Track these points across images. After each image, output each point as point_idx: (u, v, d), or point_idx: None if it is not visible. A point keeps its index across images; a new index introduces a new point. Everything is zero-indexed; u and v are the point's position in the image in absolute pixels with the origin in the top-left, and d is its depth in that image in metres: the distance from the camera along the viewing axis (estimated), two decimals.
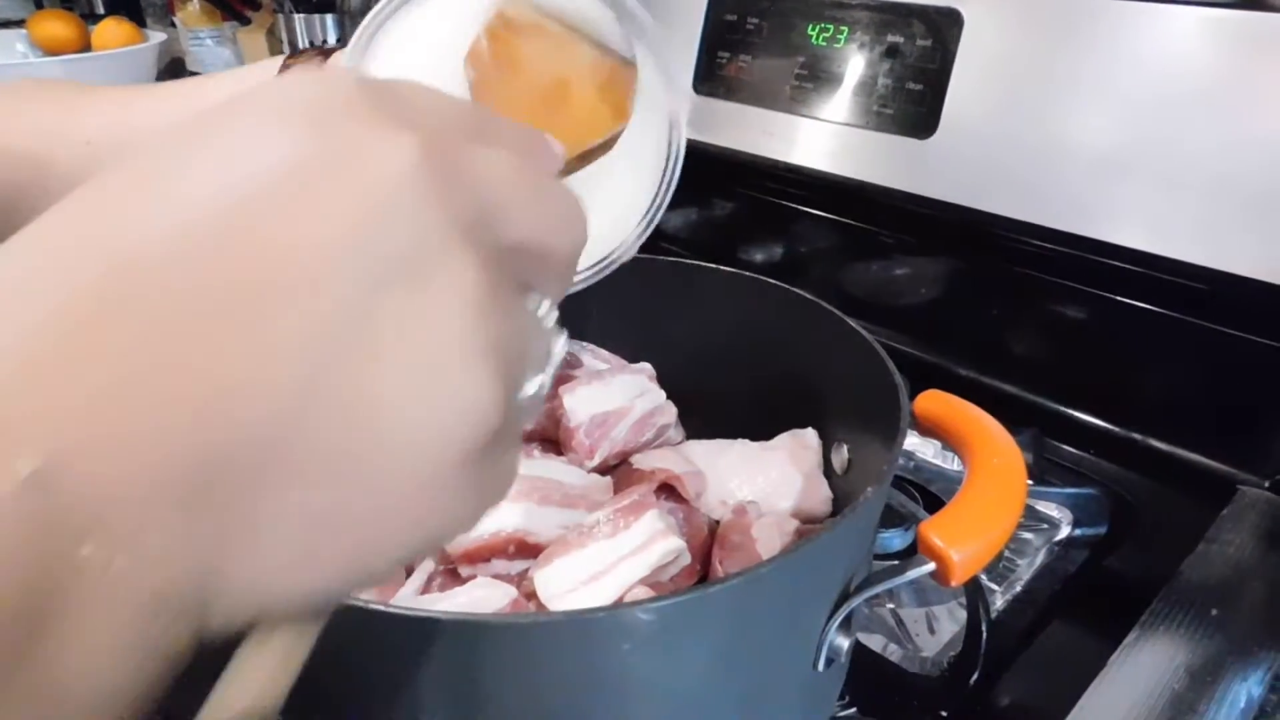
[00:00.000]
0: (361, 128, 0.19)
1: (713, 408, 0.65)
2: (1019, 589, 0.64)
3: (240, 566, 0.18)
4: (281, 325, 0.17)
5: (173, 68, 1.61)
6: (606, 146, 0.38)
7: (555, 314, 0.25)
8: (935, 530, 0.39)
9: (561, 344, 0.25)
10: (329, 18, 1.42)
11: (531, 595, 0.48)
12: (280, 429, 0.18)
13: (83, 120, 0.50)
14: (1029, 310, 0.81)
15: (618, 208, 0.46)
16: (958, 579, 0.39)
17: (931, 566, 0.39)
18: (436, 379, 0.19)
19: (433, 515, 0.20)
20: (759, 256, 1.01)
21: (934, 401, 0.48)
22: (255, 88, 0.20)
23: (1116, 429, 0.76)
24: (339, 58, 0.41)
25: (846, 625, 0.42)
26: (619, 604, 0.46)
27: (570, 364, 0.64)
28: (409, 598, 0.50)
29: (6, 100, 0.51)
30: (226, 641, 0.20)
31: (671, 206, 0.46)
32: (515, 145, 0.24)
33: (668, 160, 0.45)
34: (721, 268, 0.63)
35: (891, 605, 0.62)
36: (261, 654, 0.21)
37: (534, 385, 0.23)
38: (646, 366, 0.65)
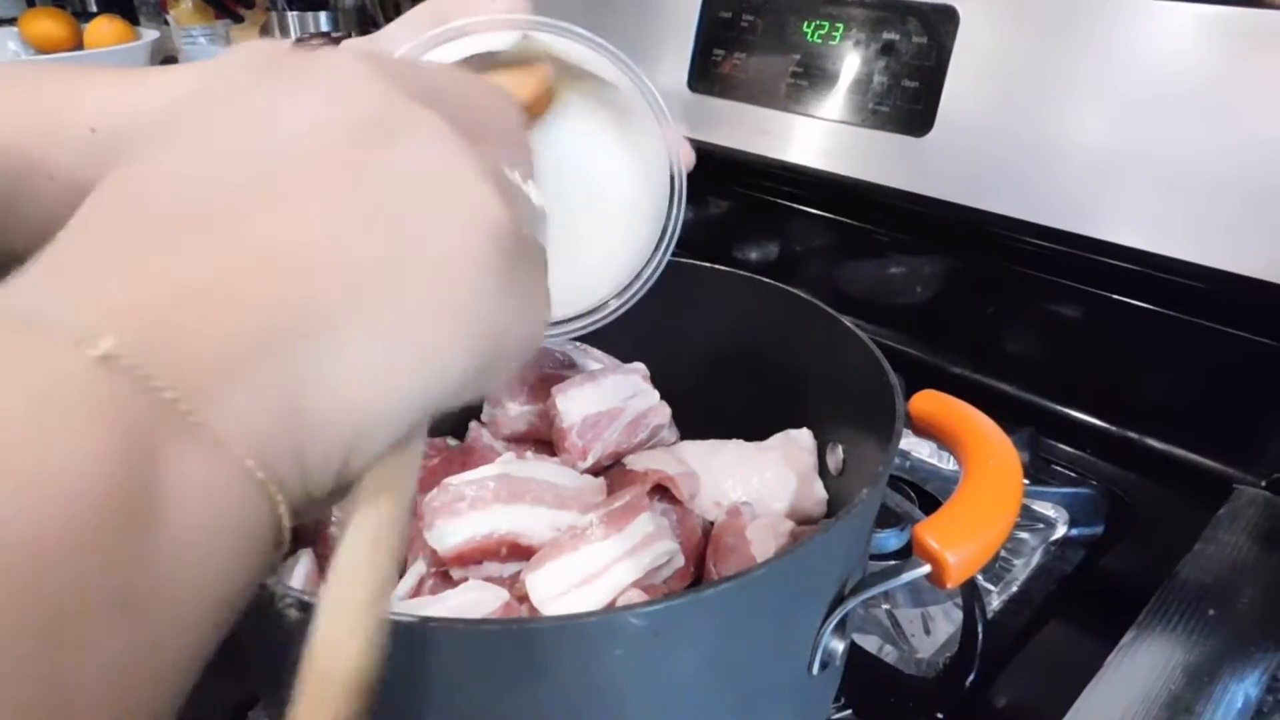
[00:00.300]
0: (320, 58, 0.23)
1: (707, 408, 0.65)
2: (1015, 589, 0.64)
3: (324, 395, 0.20)
4: (303, 187, 0.21)
5: None
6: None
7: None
8: (930, 532, 0.39)
9: (535, 191, 0.28)
10: (323, 14, 1.41)
11: (523, 598, 0.47)
12: (326, 267, 0.20)
13: (84, 105, 0.49)
14: (1025, 309, 0.81)
15: (623, 251, 0.46)
16: (953, 581, 0.39)
17: (927, 569, 0.39)
18: (437, 195, 0.22)
19: (482, 314, 0.23)
20: (754, 255, 1.01)
21: (929, 401, 0.48)
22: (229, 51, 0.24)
23: (1113, 428, 0.75)
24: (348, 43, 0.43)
25: (841, 628, 0.42)
26: (612, 608, 0.45)
27: (563, 364, 0.64)
28: (399, 601, 0.50)
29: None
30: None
31: None
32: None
33: (672, 198, 0.45)
34: (716, 266, 0.62)
35: (887, 606, 0.62)
36: (365, 520, 0.23)
37: (527, 209, 0.26)
38: (640, 366, 0.65)
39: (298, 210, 0.20)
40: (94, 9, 1.70)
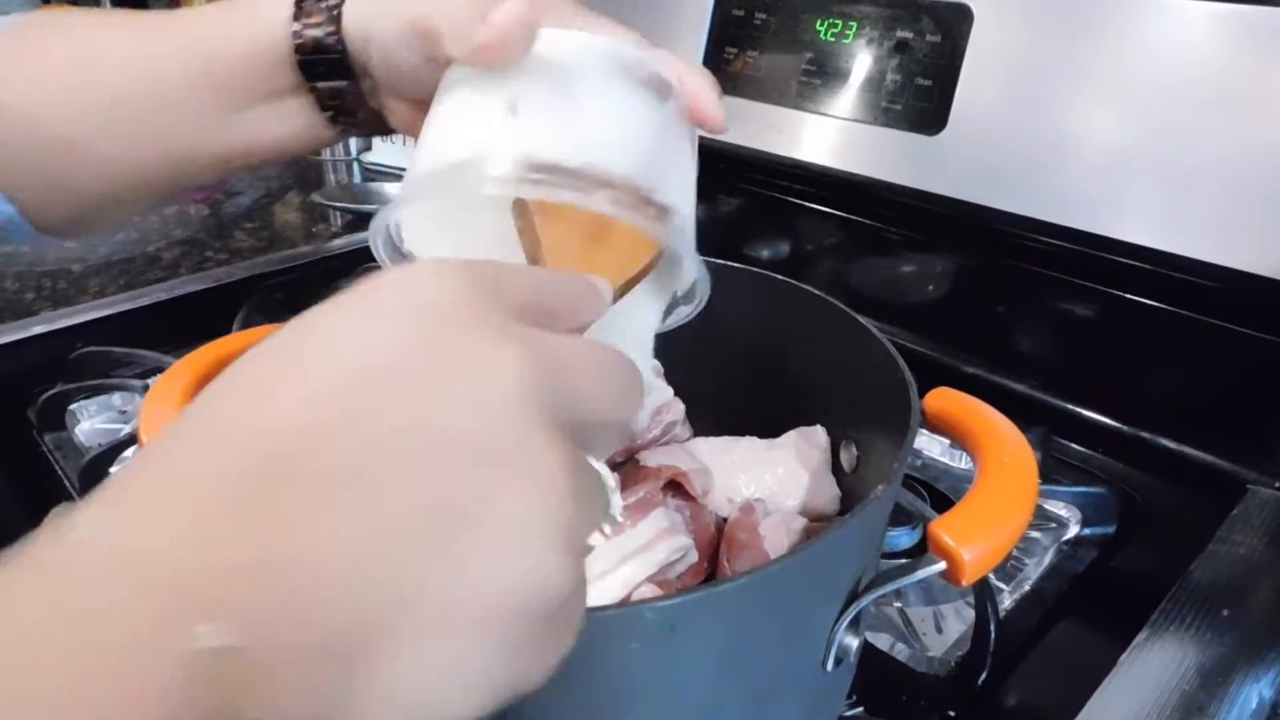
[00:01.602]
0: (470, 341, 0.23)
1: (720, 404, 0.65)
2: (1027, 588, 0.63)
3: (351, 712, 0.21)
4: (392, 504, 0.21)
5: None
6: (649, 269, 0.38)
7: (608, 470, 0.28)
8: (946, 529, 0.39)
9: (618, 500, 0.28)
10: None
11: None
12: (392, 592, 0.20)
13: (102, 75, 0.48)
14: (1037, 307, 0.81)
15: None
16: (968, 579, 0.39)
17: (942, 566, 0.39)
18: (521, 554, 0.22)
19: (510, 665, 0.23)
20: (765, 253, 1.01)
21: (944, 399, 0.48)
22: (375, 284, 0.24)
23: (1125, 428, 0.75)
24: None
25: (855, 625, 0.42)
26: (627, 602, 0.45)
27: None
28: None
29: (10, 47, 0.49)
30: None
31: None
32: (569, 297, 0.29)
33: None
34: (730, 263, 0.62)
35: (899, 604, 0.62)
36: None
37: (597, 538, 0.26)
38: (654, 363, 0.65)
39: (372, 507, 0.21)
40: (109, 8, 1.71)
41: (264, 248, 1.10)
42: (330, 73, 0.46)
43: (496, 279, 0.25)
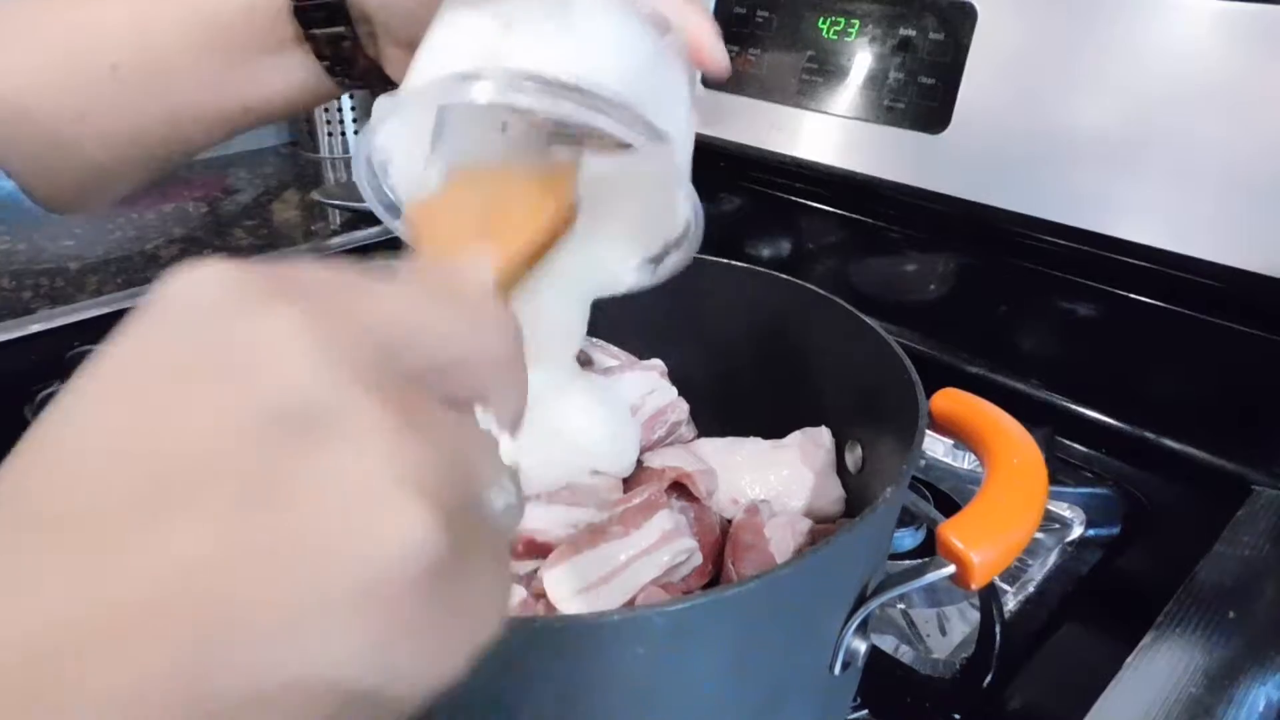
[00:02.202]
0: (244, 318, 0.20)
1: (724, 405, 0.65)
2: (1031, 590, 0.63)
3: None
4: (202, 499, 0.18)
5: None
6: (561, 231, 0.37)
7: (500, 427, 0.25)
8: (955, 532, 0.38)
9: (513, 464, 0.24)
10: None
11: (541, 595, 0.47)
12: (216, 600, 0.18)
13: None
14: (1041, 307, 0.80)
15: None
16: (978, 581, 0.38)
17: (951, 569, 0.38)
18: (354, 516, 0.19)
19: (399, 652, 0.20)
20: (766, 252, 1.01)
21: (951, 400, 0.48)
22: (152, 299, 0.21)
23: (1129, 428, 0.75)
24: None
25: (863, 628, 0.42)
26: (635, 607, 0.45)
27: (581, 361, 0.64)
28: None
29: None
30: None
31: None
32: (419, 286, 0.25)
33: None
34: (734, 263, 0.62)
35: (903, 606, 0.62)
36: None
37: (500, 499, 0.23)
38: (658, 363, 0.64)
39: (194, 527, 0.18)
40: None
41: (263, 246, 1.09)
42: (327, 19, 0.46)
43: (281, 270, 0.23)
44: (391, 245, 0.38)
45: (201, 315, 0.20)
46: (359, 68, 0.48)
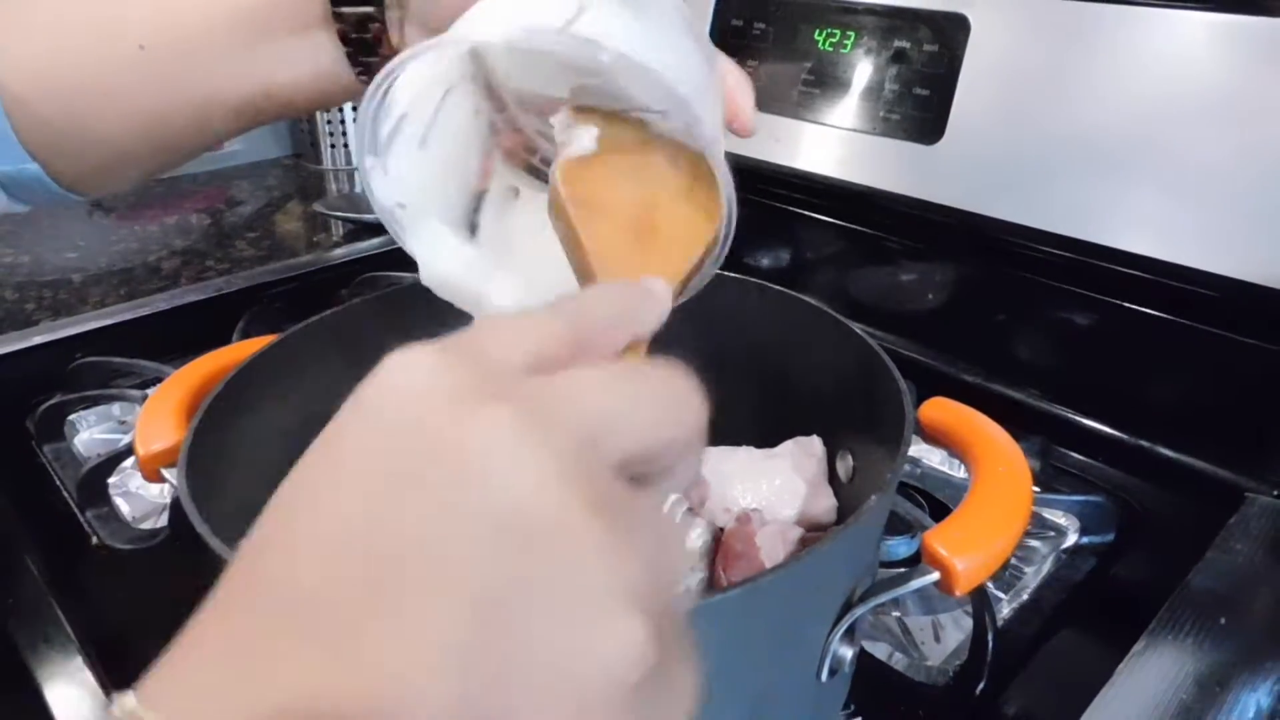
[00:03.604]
0: (458, 424, 0.21)
1: (716, 414, 0.64)
2: (1026, 597, 0.63)
3: None
4: (418, 599, 0.19)
5: None
6: (708, 257, 0.37)
7: (684, 504, 0.25)
8: (939, 539, 0.39)
9: (699, 532, 0.25)
10: None
11: None
12: (423, 700, 0.19)
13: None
14: (1036, 316, 0.81)
15: None
16: (961, 589, 0.39)
17: (935, 576, 0.39)
18: (578, 632, 0.20)
19: None
20: (764, 262, 1.01)
21: (939, 409, 0.48)
22: (366, 390, 0.22)
23: (1124, 436, 0.75)
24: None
25: (850, 635, 0.42)
26: None
27: None
28: None
29: None
30: None
31: None
32: (613, 320, 0.27)
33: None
34: (725, 273, 0.62)
35: (897, 613, 0.62)
36: None
37: (688, 583, 0.23)
38: None
39: (411, 626, 0.19)
40: None
41: (265, 257, 1.10)
42: None
43: (481, 344, 0.23)
44: (395, 256, 0.38)
45: (415, 415, 0.21)
46: (382, 55, 0.47)
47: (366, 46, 0.47)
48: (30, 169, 0.49)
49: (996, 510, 0.41)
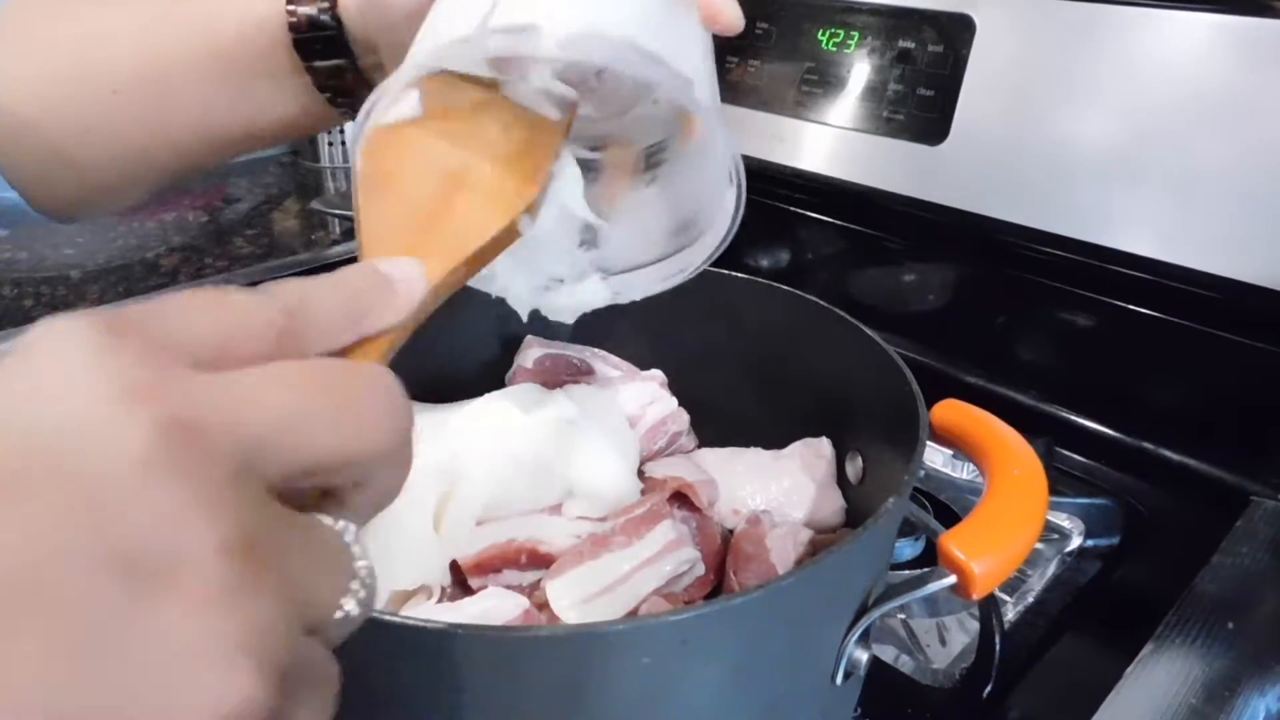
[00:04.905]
0: (92, 409, 0.18)
1: (725, 415, 0.65)
2: (1031, 600, 0.63)
3: None
4: (13, 661, 0.17)
5: None
6: (503, 242, 0.34)
7: (355, 531, 0.23)
8: (956, 542, 0.39)
9: (366, 565, 0.22)
10: None
11: (544, 606, 0.47)
12: None
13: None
14: (1040, 318, 0.81)
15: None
16: (979, 592, 0.38)
17: (953, 580, 0.39)
18: (176, 681, 0.18)
19: None
20: (765, 262, 1.01)
21: (952, 411, 0.48)
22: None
23: (1128, 439, 0.75)
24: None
25: (865, 638, 0.42)
26: (640, 616, 0.45)
27: (581, 370, 0.64)
28: (416, 608, 0.50)
29: None
30: None
31: None
32: (336, 310, 0.25)
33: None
34: (735, 274, 0.62)
35: (903, 616, 0.62)
36: None
37: (349, 604, 0.22)
38: (658, 374, 0.65)
39: (20, 665, 0.17)
40: None
41: (263, 254, 1.09)
42: (327, 51, 0.45)
43: (161, 323, 0.21)
44: None
45: (49, 410, 0.18)
46: (360, 98, 0.47)
47: (345, 90, 0.47)
48: (9, 195, 0.49)
49: (1013, 513, 0.41)
